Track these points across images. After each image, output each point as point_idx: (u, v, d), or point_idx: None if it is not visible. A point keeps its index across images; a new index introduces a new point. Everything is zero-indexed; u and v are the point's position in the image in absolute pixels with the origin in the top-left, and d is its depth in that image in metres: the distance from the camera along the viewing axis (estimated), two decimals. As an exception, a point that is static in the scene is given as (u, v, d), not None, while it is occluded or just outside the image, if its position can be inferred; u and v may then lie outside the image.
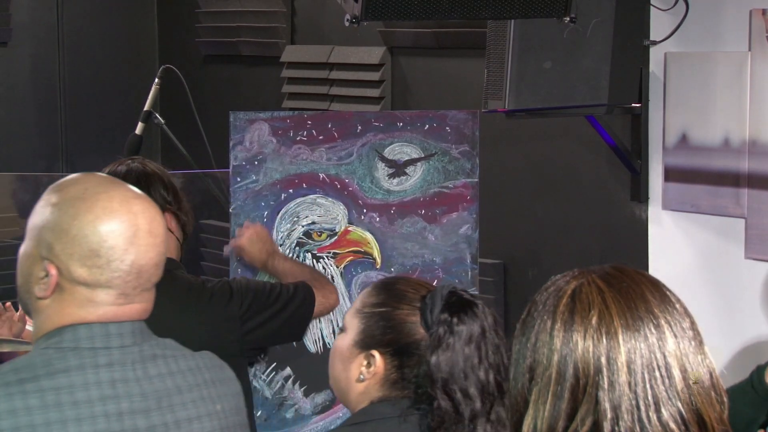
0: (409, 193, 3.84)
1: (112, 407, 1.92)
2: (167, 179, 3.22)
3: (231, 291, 3.18)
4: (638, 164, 4.26)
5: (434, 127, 3.85)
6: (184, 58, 6.49)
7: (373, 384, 2.19)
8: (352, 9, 3.11)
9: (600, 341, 1.44)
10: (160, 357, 2.01)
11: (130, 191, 2.01)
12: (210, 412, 2.03)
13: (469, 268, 3.87)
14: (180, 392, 2.00)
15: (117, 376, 1.94)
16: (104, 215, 1.94)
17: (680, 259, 4.20)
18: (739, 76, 3.94)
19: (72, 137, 6.79)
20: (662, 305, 1.47)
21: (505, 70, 3.83)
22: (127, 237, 1.94)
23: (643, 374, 1.43)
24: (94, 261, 1.93)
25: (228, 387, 2.10)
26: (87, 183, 2.00)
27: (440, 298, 2.15)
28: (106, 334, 1.95)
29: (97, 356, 1.93)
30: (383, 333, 2.18)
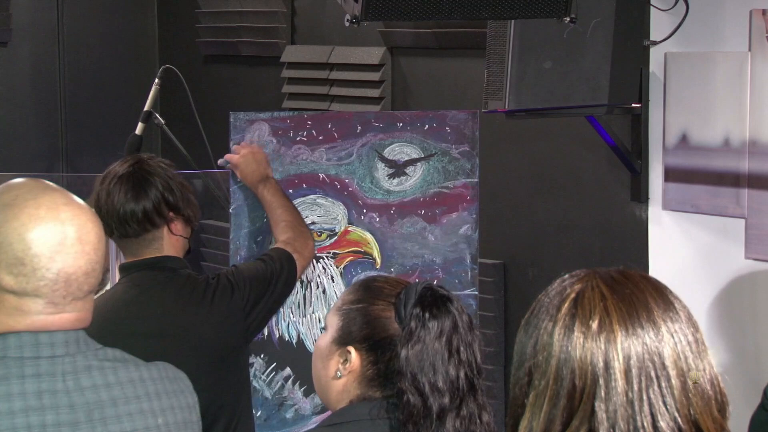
0: (409, 193, 3.84)
1: (35, 419, 1.87)
2: (168, 178, 3.21)
3: (232, 285, 3.20)
4: (638, 164, 4.26)
5: (434, 127, 3.84)
6: (184, 58, 6.49)
7: (351, 381, 2.20)
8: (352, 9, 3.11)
9: (599, 348, 1.43)
10: (96, 368, 1.95)
11: (62, 197, 1.96)
12: (149, 425, 1.98)
13: (469, 268, 3.87)
14: (115, 404, 1.95)
15: (44, 387, 1.89)
16: (29, 222, 1.90)
17: (680, 259, 4.20)
18: (739, 76, 3.94)
19: (72, 137, 6.80)
20: (666, 313, 1.46)
21: (505, 70, 3.83)
22: (52, 245, 1.90)
23: (641, 383, 1.42)
24: (19, 269, 1.89)
25: (177, 399, 2.05)
26: (19, 189, 1.96)
27: (414, 293, 2.16)
28: (35, 343, 1.90)
29: (24, 366, 1.89)
30: (360, 329, 2.19)
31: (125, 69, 6.96)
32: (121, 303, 3.15)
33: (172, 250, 3.21)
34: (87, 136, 6.83)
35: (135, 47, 7.03)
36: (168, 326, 3.14)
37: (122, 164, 3.21)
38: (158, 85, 4.72)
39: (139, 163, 3.21)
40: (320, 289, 3.79)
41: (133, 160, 3.22)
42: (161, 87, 4.74)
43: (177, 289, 3.16)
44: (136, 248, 3.19)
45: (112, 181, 3.17)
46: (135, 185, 3.15)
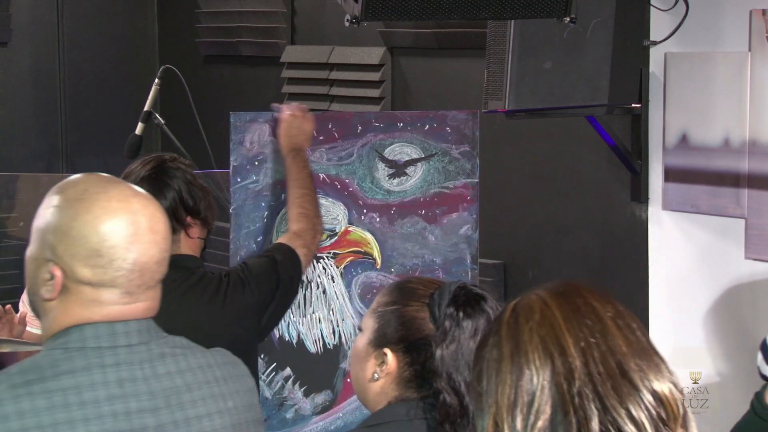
0: (410, 193, 3.84)
1: (119, 406, 1.92)
2: (187, 182, 3.18)
3: (243, 283, 3.19)
4: (638, 164, 4.26)
5: (434, 127, 3.84)
6: (184, 58, 6.49)
7: (388, 383, 2.19)
8: (352, 9, 3.11)
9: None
10: (169, 355, 2.01)
11: (129, 189, 2.01)
12: (221, 409, 2.03)
13: (469, 268, 3.87)
14: (189, 390, 2.00)
15: (124, 375, 1.94)
16: (103, 215, 1.95)
17: (680, 259, 4.20)
18: (739, 76, 3.94)
19: (72, 137, 6.80)
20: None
21: (505, 70, 3.83)
22: (127, 235, 1.95)
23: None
24: (96, 261, 1.94)
25: (240, 384, 2.10)
26: (86, 183, 2.00)
27: (448, 292, 2.16)
28: (112, 333, 1.95)
29: (103, 356, 1.94)
30: (395, 330, 2.19)
31: (125, 69, 6.96)
32: None
33: (189, 250, 3.21)
34: (87, 136, 6.83)
35: (135, 47, 7.03)
36: (181, 325, 3.14)
37: (143, 165, 3.20)
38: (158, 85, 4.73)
39: (160, 165, 3.20)
40: (320, 289, 3.79)
41: (155, 162, 3.20)
42: (161, 87, 4.75)
43: (190, 288, 3.16)
44: None
45: (134, 181, 3.16)
46: (153, 189, 3.14)
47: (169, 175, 3.18)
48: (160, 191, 3.14)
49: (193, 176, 3.23)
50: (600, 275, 4.53)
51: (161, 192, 3.14)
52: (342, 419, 3.77)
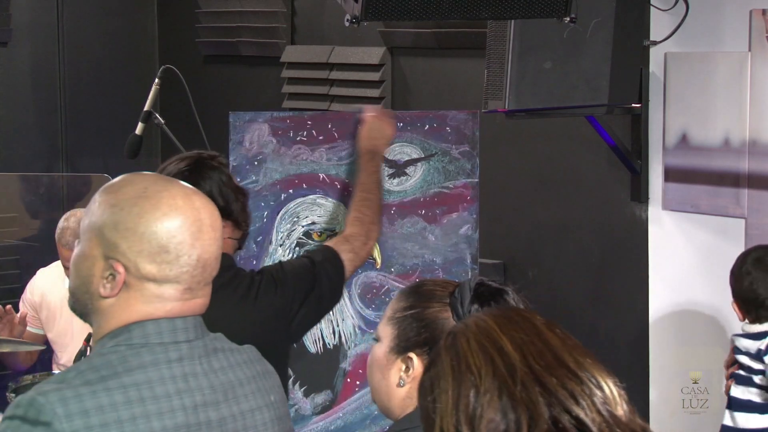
0: (410, 193, 3.84)
1: (188, 400, 1.96)
2: (221, 183, 3.15)
3: (275, 283, 3.17)
4: (638, 164, 4.26)
5: (434, 127, 3.84)
6: (184, 58, 6.49)
7: (415, 387, 2.16)
8: (352, 9, 3.11)
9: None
10: (220, 350, 2.06)
11: (188, 188, 2.06)
12: (267, 403, 2.09)
13: (469, 268, 3.87)
14: (241, 384, 2.05)
15: (188, 370, 1.98)
16: (171, 212, 1.98)
17: (680, 259, 4.20)
18: (739, 76, 3.94)
19: (72, 137, 6.79)
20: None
21: (505, 70, 3.83)
22: (192, 232, 1.99)
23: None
24: (163, 257, 1.97)
25: (274, 379, 2.16)
26: (145, 182, 2.03)
27: (469, 290, 2.14)
28: (173, 329, 1.99)
29: (168, 351, 1.97)
30: (417, 334, 2.17)
31: (125, 69, 6.96)
32: None
33: (227, 249, 3.19)
34: (87, 136, 6.82)
35: (135, 47, 7.03)
36: (210, 324, 3.13)
37: (179, 162, 3.18)
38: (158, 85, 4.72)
39: (196, 163, 3.18)
40: (320, 289, 3.78)
41: (191, 161, 3.19)
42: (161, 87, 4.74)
43: (222, 286, 3.14)
44: None
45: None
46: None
47: (202, 174, 3.16)
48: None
49: (229, 177, 3.20)
50: (600, 275, 4.53)
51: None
52: (342, 419, 3.77)
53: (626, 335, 4.42)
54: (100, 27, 6.92)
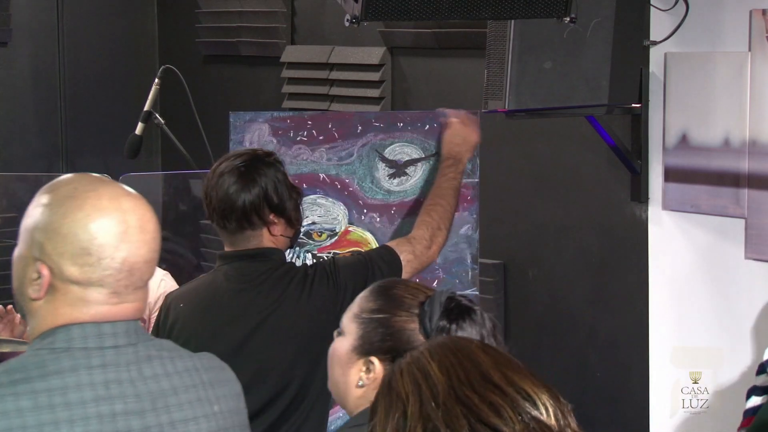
0: (410, 193, 3.84)
1: (105, 408, 1.91)
2: (276, 180, 3.18)
3: (328, 276, 3.19)
4: (638, 164, 4.26)
5: (435, 127, 3.84)
6: (184, 58, 6.49)
7: (372, 389, 2.17)
8: (352, 9, 3.11)
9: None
10: (156, 358, 1.99)
11: (120, 189, 2.00)
12: (207, 413, 2.02)
13: (469, 268, 3.87)
14: (176, 393, 1.99)
15: (111, 377, 1.93)
16: (94, 213, 1.94)
17: (680, 259, 4.20)
18: (739, 76, 3.94)
19: (72, 137, 6.79)
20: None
21: (505, 70, 3.83)
22: (117, 234, 1.94)
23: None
24: (85, 259, 1.93)
25: (227, 388, 2.09)
26: (77, 182, 2.00)
27: (438, 304, 2.15)
28: (99, 334, 1.94)
29: (90, 357, 1.93)
30: (382, 340, 2.18)
31: (125, 69, 6.96)
32: (222, 291, 3.17)
33: (272, 243, 3.20)
34: (87, 136, 6.83)
35: (135, 47, 7.03)
36: (266, 317, 3.15)
37: (234, 159, 3.20)
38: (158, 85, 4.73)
39: (251, 159, 3.19)
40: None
41: (247, 157, 3.21)
42: (161, 87, 4.75)
43: (278, 279, 3.16)
44: (234, 240, 3.20)
45: (223, 171, 3.17)
46: (242, 182, 3.15)
47: (258, 170, 3.17)
48: (246, 185, 3.14)
49: (284, 175, 3.22)
50: (600, 275, 4.53)
51: (247, 187, 3.14)
52: (342, 419, 3.76)
53: (626, 335, 4.42)
54: (100, 27, 6.92)
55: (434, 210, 3.47)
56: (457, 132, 3.64)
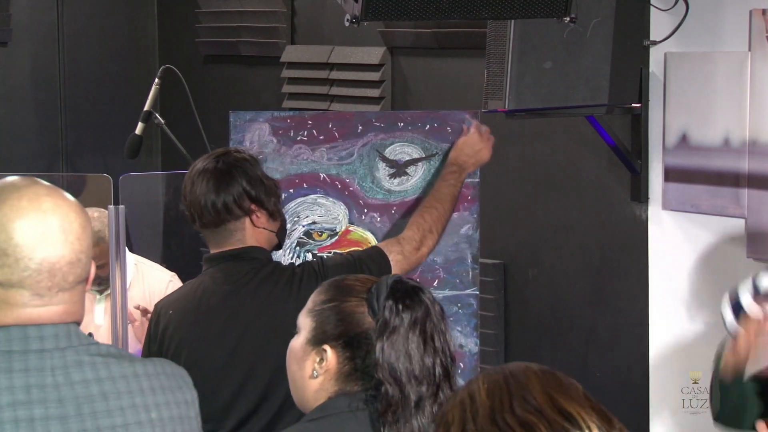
0: (410, 193, 3.84)
1: (22, 413, 1.88)
2: (253, 172, 3.20)
3: (317, 275, 3.19)
4: (638, 164, 4.26)
5: (435, 127, 3.84)
6: (184, 58, 6.49)
7: (327, 379, 2.21)
8: (352, 9, 3.11)
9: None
10: (87, 363, 1.95)
11: (44, 189, 1.97)
12: (141, 420, 1.97)
13: (470, 267, 3.87)
14: (106, 399, 1.95)
15: (32, 381, 1.90)
16: (11, 213, 1.92)
17: (680, 259, 4.21)
18: (739, 76, 3.94)
19: (72, 137, 6.80)
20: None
21: (505, 70, 3.83)
22: (34, 235, 1.91)
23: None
24: (3, 260, 1.91)
25: (173, 395, 2.04)
26: (3, 184, 1.98)
27: (386, 286, 2.18)
28: (24, 337, 1.92)
29: (12, 361, 1.90)
30: (334, 326, 2.21)
31: (125, 69, 6.96)
32: (209, 293, 3.17)
33: (255, 242, 3.20)
34: (87, 136, 6.83)
35: (135, 47, 7.03)
36: (255, 317, 3.15)
37: (208, 157, 3.23)
38: (158, 85, 4.72)
39: (225, 155, 3.22)
40: (321, 288, 3.78)
41: (220, 152, 3.23)
42: (161, 87, 4.74)
43: (264, 280, 3.17)
44: (218, 239, 3.21)
45: (197, 172, 3.19)
46: (217, 176, 3.16)
47: (233, 166, 3.19)
48: (223, 178, 3.16)
49: (260, 168, 3.24)
50: (600, 275, 4.53)
51: (223, 179, 3.16)
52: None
53: (626, 335, 4.42)
54: (100, 27, 6.92)
55: (428, 213, 3.48)
56: (472, 144, 3.66)
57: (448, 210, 3.53)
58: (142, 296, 4.11)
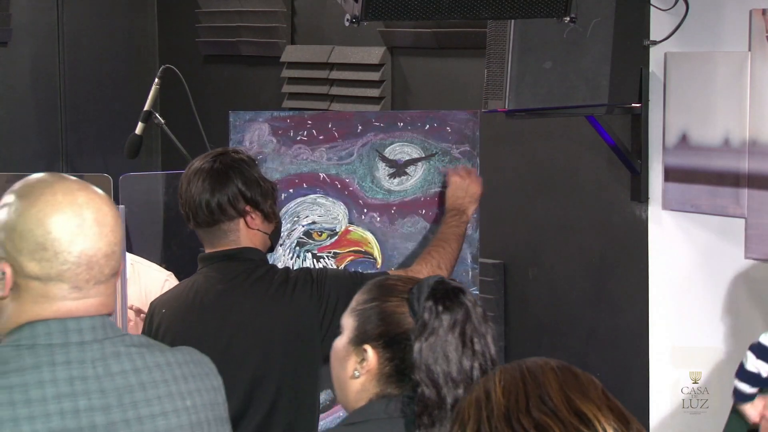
0: (410, 192, 3.84)
1: (67, 405, 1.92)
2: (249, 173, 3.20)
3: (312, 280, 3.19)
4: (638, 164, 4.26)
5: (435, 127, 3.84)
6: (184, 58, 6.49)
7: (369, 380, 2.20)
8: (352, 9, 3.11)
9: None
10: (124, 354, 2.00)
11: (75, 184, 2.02)
12: (178, 408, 2.03)
13: (469, 267, 3.87)
14: (144, 389, 2.00)
15: (75, 373, 1.94)
16: (47, 208, 1.96)
17: (680, 259, 4.21)
18: (739, 76, 3.94)
19: (72, 137, 6.80)
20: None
21: (505, 70, 3.83)
22: (71, 228, 1.96)
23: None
24: (42, 254, 1.95)
25: (203, 382, 2.10)
26: (34, 180, 2.02)
27: (427, 287, 2.17)
28: (63, 330, 1.96)
29: (54, 354, 1.94)
30: (375, 326, 2.20)
31: (125, 69, 6.96)
32: (203, 293, 3.18)
33: (250, 243, 3.20)
34: (87, 136, 6.83)
35: (135, 47, 7.03)
36: (247, 317, 3.15)
37: (205, 156, 3.23)
38: (158, 85, 4.73)
39: (222, 155, 3.22)
40: (320, 288, 3.78)
41: (217, 152, 3.24)
42: (161, 87, 4.75)
43: (257, 280, 3.17)
44: (212, 239, 3.21)
45: (194, 171, 3.20)
46: (213, 176, 3.17)
47: (229, 167, 3.20)
48: (218, 178, 3.17)
49: (257, 169, 3.24)
50: (600, 275, 4.53)
51: (219, 179, 3.16)
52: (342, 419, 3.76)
53: (626, 335, 4.42)
54: (100, 27, 6.92)
55: (436, 251, 3.51)
56: (459, 186, 3.66)
57: (455, 249, 3.54)
58: (138, 296, 4.11)
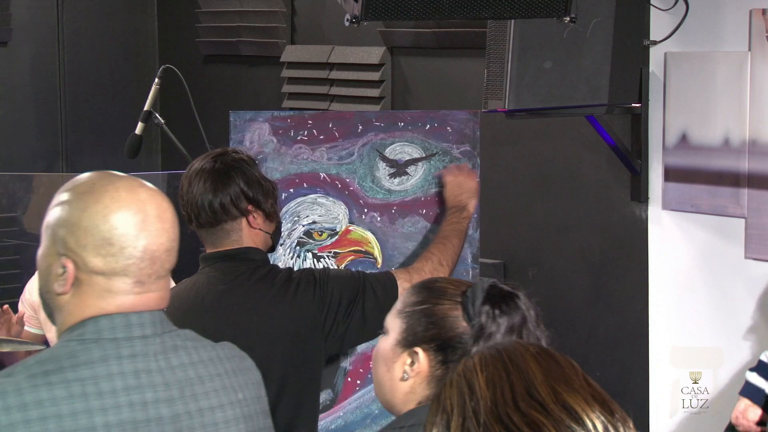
0: (410, 192, 3.84)
1: (136, 397, 1.96)
2: (250, 172, 3.20)
3: (315, 281, 3.19)
4: (638, 164, 4.26)
5: (435, 127, 3.84)
6: (184, 58, 6.49)
7: (418, 383, 2.17)
8: (352, 9, 3.11)
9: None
10: (182, 347, 2.05)
11: (136, 181, 2.06)
12: (232, 400, 2.08)
13: (470, 267, 3.87)
14: (202, 382, 2.05)
15: (140, 366, 1.98)
16: (112, 204, 2.00)
17: (680, 259, 4.21)
18: (739, 76, 3.94)
19: (72, 137, 6.80)
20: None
21: (505, 70, 3.83)
22: (136, 223, 2.00)
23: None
24: (107, 249, 1.98)
25: (248, 376, 2.15)
26: (94, 178, 2.06)
27: (481, 290, 2.15)
28: (127, 324, 2.00)
29: (119, 347, 1.98)
30: (426, 329, 2.17)
31: (125, 69, 6.96)
32: (204, 292, 3.17)
33: (252, 242, 3.21)
34: (87, 136, 6.83)
35: (135, 47, 7.03)
36: (249, 317, 3.15)
37: (205, 157, 3.23)
38: (158, 84, 4.73)
39: (223, 155, 3.22)
40: (321, 288, 3.78)
41: (217, 153, 3.24)
42: (161, 87, 4.75)
43: (259, 280, 3.17)
44: (214, 239, 3.21)
45: (195, 172, 3.20)
46: (215, 176, 3.17)
47: (230, 167, 3.19)
48: (220, 178, 3.17)
49: (257, 169, 3.24)
50: (600, 275, 4.54)
51: (221, 179, 3.17)
52: (342, 418, 3.77)
53: (626, 335, 4.42)
54: (100, 27, 6.92)
55: (436, 248, 3.50)
56: (454, 184, 3.65)
57: (456, 245, 3.53)
58: None
